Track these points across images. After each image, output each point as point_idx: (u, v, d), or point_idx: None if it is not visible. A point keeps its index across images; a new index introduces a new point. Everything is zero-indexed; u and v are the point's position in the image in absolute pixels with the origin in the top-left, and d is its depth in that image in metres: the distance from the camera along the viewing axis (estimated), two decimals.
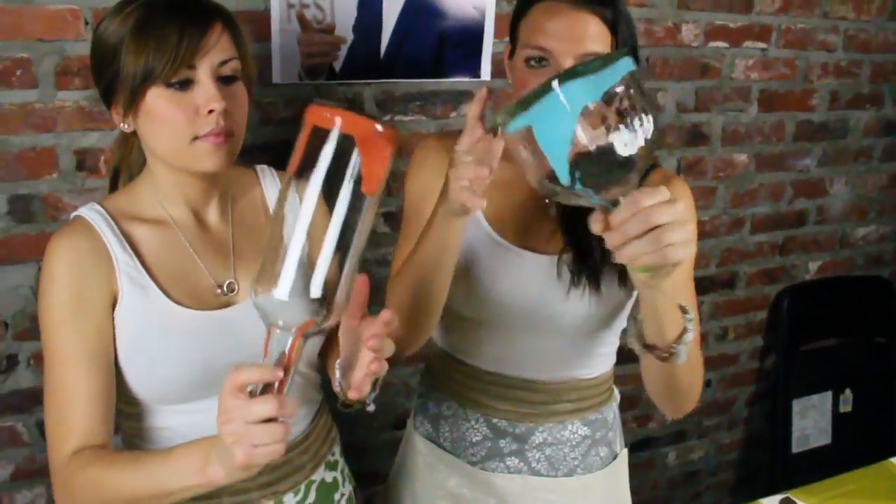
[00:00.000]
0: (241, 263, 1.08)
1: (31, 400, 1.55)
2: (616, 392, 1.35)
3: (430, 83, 1.65)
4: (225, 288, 1.05)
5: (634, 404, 2.14)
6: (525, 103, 0.72)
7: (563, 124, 0.71)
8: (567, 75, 0.71)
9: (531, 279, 1.14)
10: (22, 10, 1.33)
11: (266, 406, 0.72)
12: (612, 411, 1.32)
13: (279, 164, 1.57)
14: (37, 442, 1.59)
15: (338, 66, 1.55)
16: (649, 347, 0.96)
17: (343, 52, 1.55)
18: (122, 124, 0.98)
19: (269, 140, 1.57)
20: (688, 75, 1.84)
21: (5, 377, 1.54)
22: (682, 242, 0.75)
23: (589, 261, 1.11)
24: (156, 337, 0.99)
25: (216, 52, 0.95)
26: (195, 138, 0.95)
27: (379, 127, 0.71)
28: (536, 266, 1.14)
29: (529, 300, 1.14)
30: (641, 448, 2.21)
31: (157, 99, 0.93)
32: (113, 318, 0.99)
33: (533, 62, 1.02)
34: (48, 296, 0.97)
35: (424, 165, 1.18)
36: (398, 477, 1.38)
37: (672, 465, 2.28)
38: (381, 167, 0.72)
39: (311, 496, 1.15)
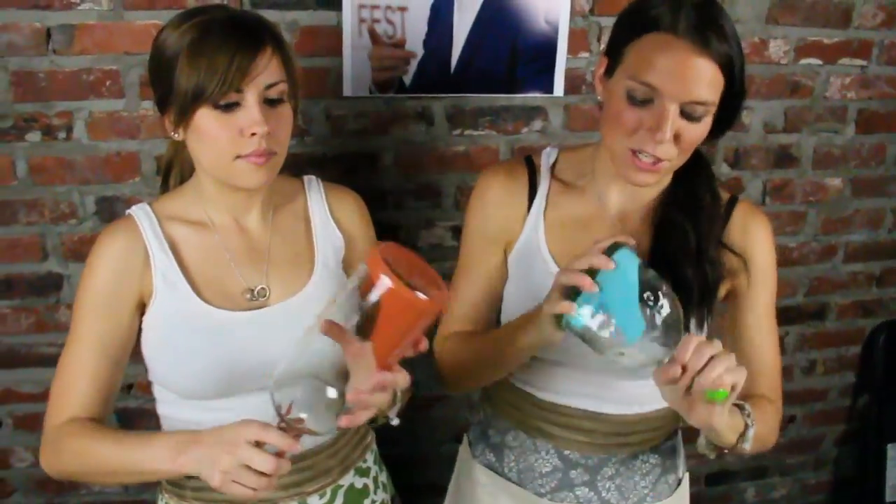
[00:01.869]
0: (275, 270, 1.11)
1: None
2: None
3: (501, 98, 1.64)
4: (255, 293, 1.09)
5: None
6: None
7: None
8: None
9: None
10: (112, 25, 1.43)
11: (265, 462, 0.84)
12: (678, 438, 1.28)
13: (349, 174, 1.62)
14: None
15: (408, 80, 1.58)
16: (719, 449, 1.02)
17: (413, 66, 1.57)
18: (173, 133, 1.02)
19: (339, 152, 1.61)
20: (776, 94, 1.75)
21: None
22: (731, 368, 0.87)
23: (686, 298, 1.06)
24: (183, 335, 1.04)
25: (264, 76, 0.97)
26: (237, 157, 0.98)
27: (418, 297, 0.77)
28: None
29: None
30: (717, 482, 2.11)
31: (204, 118, 0.97)
32: (140, 317, 1.06)
33: (637, 99, 0.95)
34: (84, 284, 1.05)
35: (486, 203, 1.16)
36: None
37: (750, 501, 2.16)
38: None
39: (339, 500, 1.17)
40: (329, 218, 1.19)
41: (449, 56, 1.57)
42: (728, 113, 1.00)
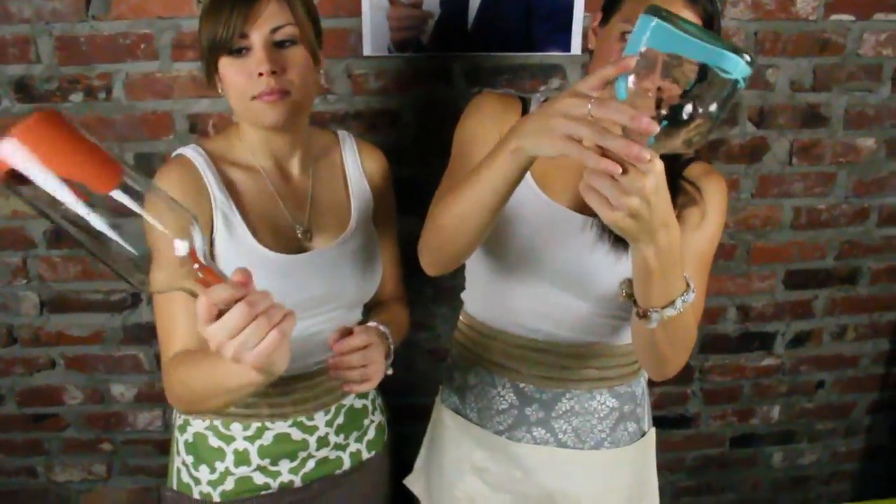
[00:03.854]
0: (316, 216, 1.21)
1: (151, 333, 1.77)
2: None
3: (518, 57, 1.66)
4: (303, 232, 1.19)
5: (735, 397, 2.04)
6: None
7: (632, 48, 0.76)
8: (669, 19, 0.74)
9: (571, 238, 1.15)
10: None
11: (237, 315, 0.74)
12: (640, 386, 1.31)
13: (370, 131, 1.68)
14: (154, 371, 1.82)
15: (425, 39, 1.62)
16: (630, 298, 0.97)
17: (431, 25, 1.61)
18: (218, 88, 1.12)
19: (360, 109, 1.67)
20: (804, 52, 1.71)
21: (130, 312, 1.77)
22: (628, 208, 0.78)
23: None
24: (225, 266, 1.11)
25: (267, 21, 1.06)
26: (253, 98, 1.08)
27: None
28: (571, 225, 1.15)
29: (568, 258, 1.16)
30: (742, 444, 2.10)
31: (225, 66, 1.08)
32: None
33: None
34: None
35: (480, 113, 1.20)
36: (428, 452, 1.42)
37: (778, 466, 2.15)
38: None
39: (341, 418, 1.28)
40: (361, 172, 1.30)
41: (465, 16, 1.60)
42: None
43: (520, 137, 0.88)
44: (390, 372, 1.21)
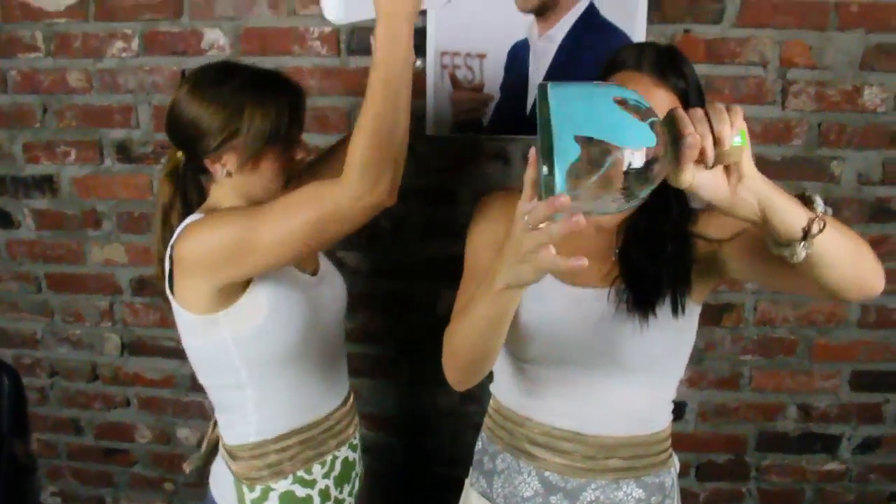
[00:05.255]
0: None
1: None
2: (675, 459, 1.30)
3: None
4: (311, 273, 1.34)
5: (796, 501, 1.93)
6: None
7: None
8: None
9: (592, 312, 1.17)
10: None
11: None
12: (670, 477, 1.28)
13: (430, 207, 1.75)
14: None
15: (486, 120, 1.70)
16: (787, 248, 0.88)
17: (491, 108, 1.69)
18: (222, 170, 1.20)
19: (421, 185, 1.76)
20: (871, 144, 1.67)
21: None
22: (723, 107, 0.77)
23: (643, 287, 1.15)
24: (286, 294, 1.25)
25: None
26: (286, 181, 1.25)
27: None
28: (592, 301, 1.17)
29: (587, 336, 1.17)
30: None
31: (273, 153, 1.20)
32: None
33: None
34: None
35: (486, 217, 1.25)
36: None
37: None
38: None
39: (336, 469, 1.38)
40: None
41: (525, 99, 1.68)
42: None
43: (502, 277, 0.90)
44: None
